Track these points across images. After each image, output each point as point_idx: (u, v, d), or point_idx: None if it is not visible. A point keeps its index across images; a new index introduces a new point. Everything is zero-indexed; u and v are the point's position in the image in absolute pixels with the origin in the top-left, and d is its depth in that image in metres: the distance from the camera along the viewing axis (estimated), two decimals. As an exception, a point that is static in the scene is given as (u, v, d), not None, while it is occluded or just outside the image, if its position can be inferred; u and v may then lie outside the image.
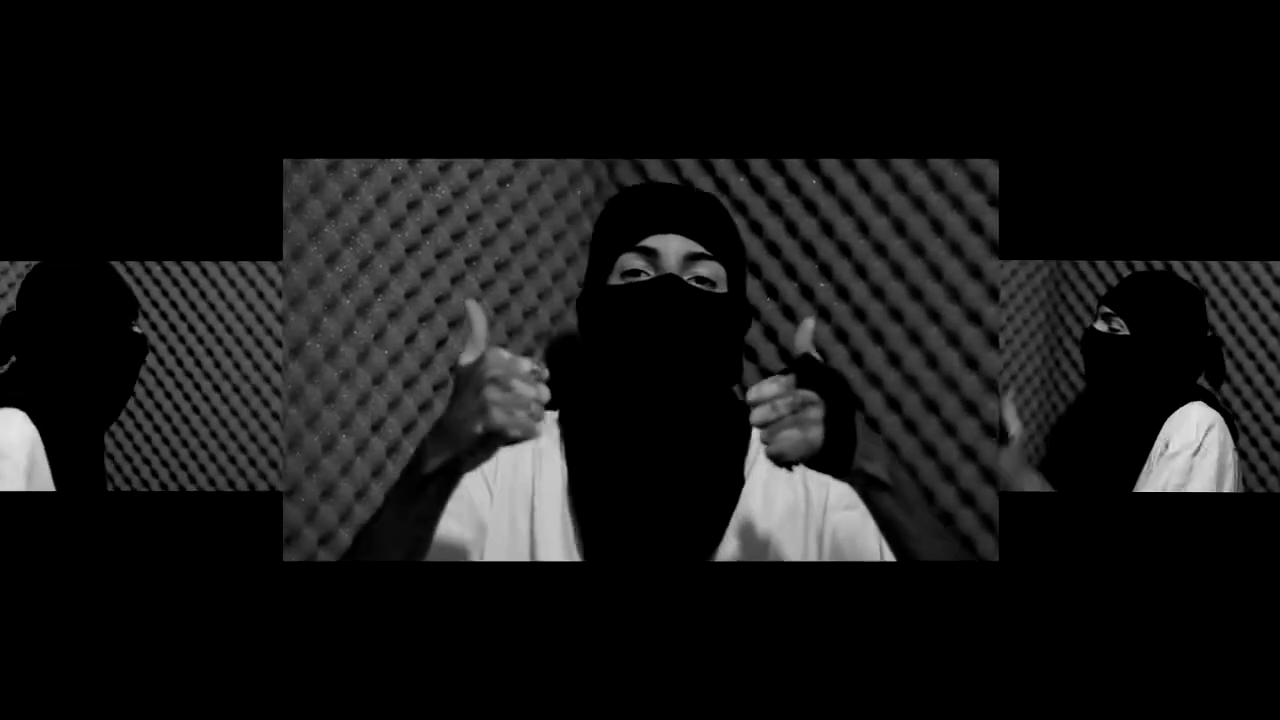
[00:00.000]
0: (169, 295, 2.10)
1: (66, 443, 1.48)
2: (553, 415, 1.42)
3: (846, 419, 1.12)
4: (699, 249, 1.33)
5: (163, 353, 2.11)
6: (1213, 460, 1.66)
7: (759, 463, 1.37)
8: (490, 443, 1.09)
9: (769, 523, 1.35)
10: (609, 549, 1.32)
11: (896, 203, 1.58)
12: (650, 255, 1.33)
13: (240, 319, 2.08)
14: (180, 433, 2.10)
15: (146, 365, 2.10)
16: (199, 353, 2.10)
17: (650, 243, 1.33)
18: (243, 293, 2.08)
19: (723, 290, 1.35)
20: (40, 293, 1.51)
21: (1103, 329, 1.75)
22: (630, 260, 1.34)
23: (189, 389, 2.10)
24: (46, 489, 1.45)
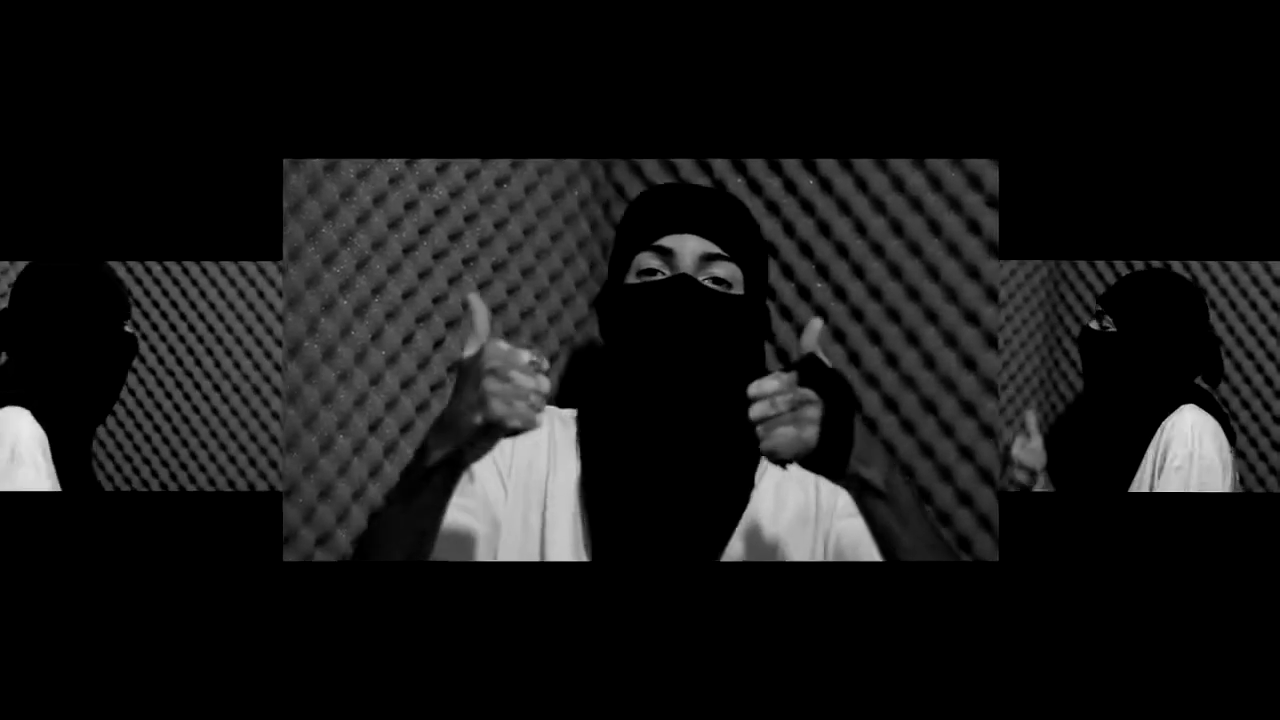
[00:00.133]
0: (168, 295, 2.10)
1: (58, 441, 1.48)
2: (571, 413, 1.43)
3: (845, 422, 1.12)
4: (715, 250, 1.33)
5: (162, 352, 2.11)
6: (1208, 466, 1.66)
7: (773, 465, 1.37)
8: (491, 434, 1.09)
9: (778, 526, 1.35)
10: (616, 548, 1.32)
11: (894, 203, 1.58)
12: (666, 255, 1.33)
13: (240, 319, 2.08)
14: (180, 433, 2.10)
15: (146, 365, 2.10)
16: (198, 352, 2.09)
17: (666, 242, 1.33)
18: (243, 292, 2.08)
19: (739, 292, 1.34)
20: (32, 291, 1.51)
21: (1095, 327, 1.74)
22: (646, 259, 1.34)
23: (188, 389, 2.10)
24: (53, 488, 1.46)
